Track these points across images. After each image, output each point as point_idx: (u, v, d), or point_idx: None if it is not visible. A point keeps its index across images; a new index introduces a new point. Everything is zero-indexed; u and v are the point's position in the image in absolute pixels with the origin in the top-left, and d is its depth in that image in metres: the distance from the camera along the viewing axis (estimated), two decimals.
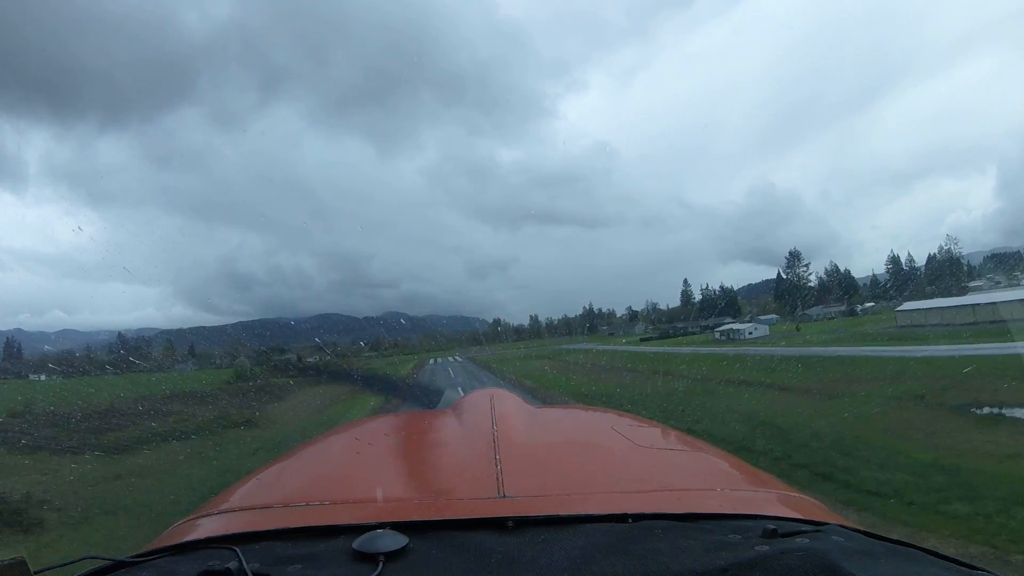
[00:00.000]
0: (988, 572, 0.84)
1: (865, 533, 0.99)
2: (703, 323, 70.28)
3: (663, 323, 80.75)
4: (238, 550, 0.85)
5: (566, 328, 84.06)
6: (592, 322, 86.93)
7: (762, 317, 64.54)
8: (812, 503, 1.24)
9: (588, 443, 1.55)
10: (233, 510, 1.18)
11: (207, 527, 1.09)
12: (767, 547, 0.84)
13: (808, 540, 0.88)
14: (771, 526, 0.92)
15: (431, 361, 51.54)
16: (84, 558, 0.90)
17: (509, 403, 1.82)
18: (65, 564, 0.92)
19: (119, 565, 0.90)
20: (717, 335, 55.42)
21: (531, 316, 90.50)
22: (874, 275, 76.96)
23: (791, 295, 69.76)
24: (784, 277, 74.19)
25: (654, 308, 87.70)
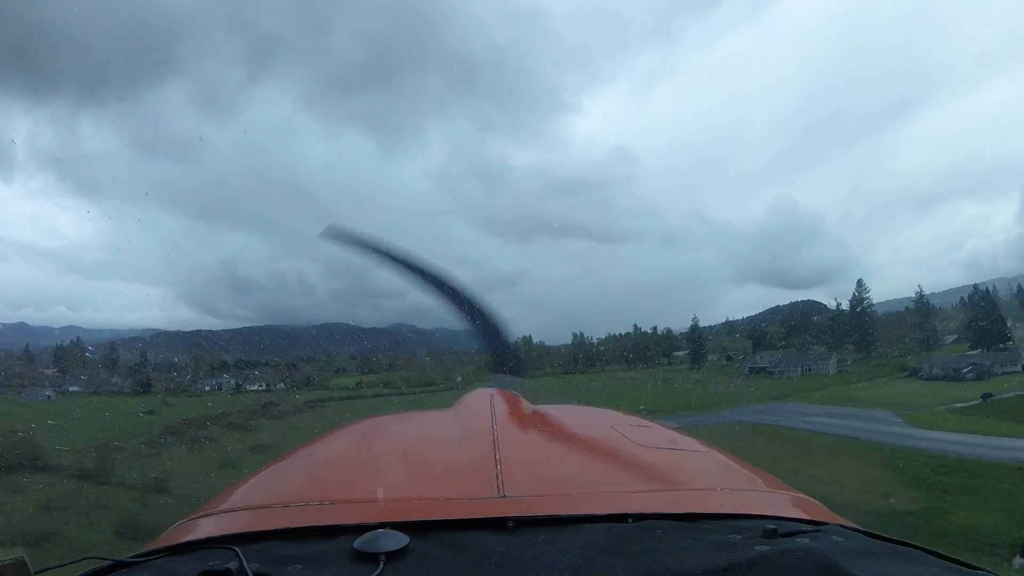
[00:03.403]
0: (988, 572, 0.85)
1: (865, 533, 0.99)
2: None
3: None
4: (238, 550, 0.86)
5: (636, 353, 57.51)
6: (699, 347, 54.81)
7: None
8: (812, 503, 1.24)
9: (588, 443, 1.55)
10: (233, 510, 1.18)
11: (207, 527, 1.09)
12: (767, 547, 0.84)
13: (808, 540, 0.89)
14: (771, 526, 0.92)
15: None
16: (84, 558, 0.91)
17: (509, 402, 1.82)
18: (65, 564, 0.92)
19: (119, 565, 0.90)
20: None
21: (575, 334, 62.44)
22: None
23: None
24: None
25: (731, 327, 59.81)
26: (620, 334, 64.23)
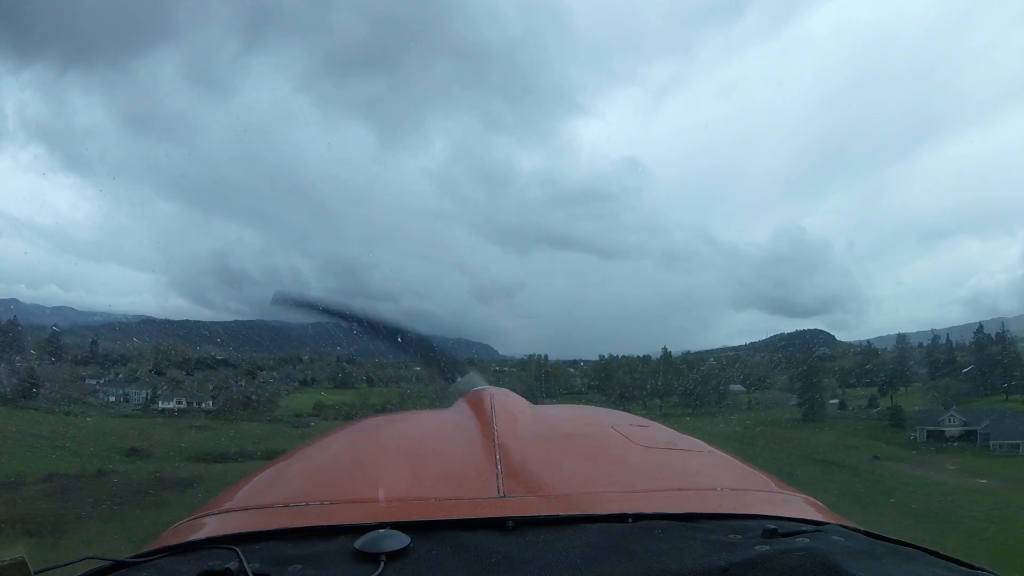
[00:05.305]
0: (988, 572, 0.85)
1: (865, 533, 1.00)
2: None
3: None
4: (238, 550, 0.85)
5: (681, 387, 46.51)
6: (814, 386, 38.66)
7: None
8: (812, 503, 1.24)
9: (588, 443, 1.55)
10: (233, 510, 1.18)
11: (207, 527, 1.08)
12: (767, 547, 0.84)
13: (808, 540, 0.89)
14: (771, 526, 0.93)
15: None
16: (84, 558, 0.90)
17: (509, 402, 1.82)
18: (65, 564, 0.91)
19: (119, 565, 0.90)
20: None
21: (602, 356, 55.15)
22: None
23: None
24: None
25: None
26: (641, 356, 55.55)
